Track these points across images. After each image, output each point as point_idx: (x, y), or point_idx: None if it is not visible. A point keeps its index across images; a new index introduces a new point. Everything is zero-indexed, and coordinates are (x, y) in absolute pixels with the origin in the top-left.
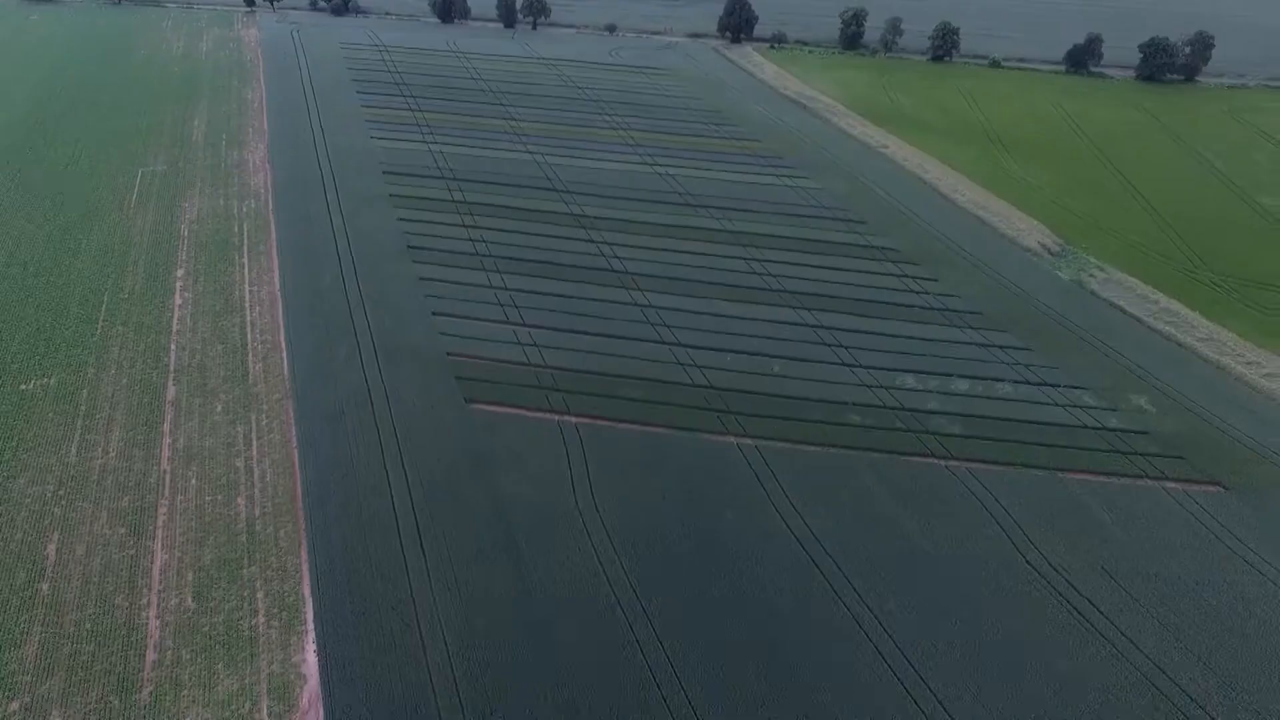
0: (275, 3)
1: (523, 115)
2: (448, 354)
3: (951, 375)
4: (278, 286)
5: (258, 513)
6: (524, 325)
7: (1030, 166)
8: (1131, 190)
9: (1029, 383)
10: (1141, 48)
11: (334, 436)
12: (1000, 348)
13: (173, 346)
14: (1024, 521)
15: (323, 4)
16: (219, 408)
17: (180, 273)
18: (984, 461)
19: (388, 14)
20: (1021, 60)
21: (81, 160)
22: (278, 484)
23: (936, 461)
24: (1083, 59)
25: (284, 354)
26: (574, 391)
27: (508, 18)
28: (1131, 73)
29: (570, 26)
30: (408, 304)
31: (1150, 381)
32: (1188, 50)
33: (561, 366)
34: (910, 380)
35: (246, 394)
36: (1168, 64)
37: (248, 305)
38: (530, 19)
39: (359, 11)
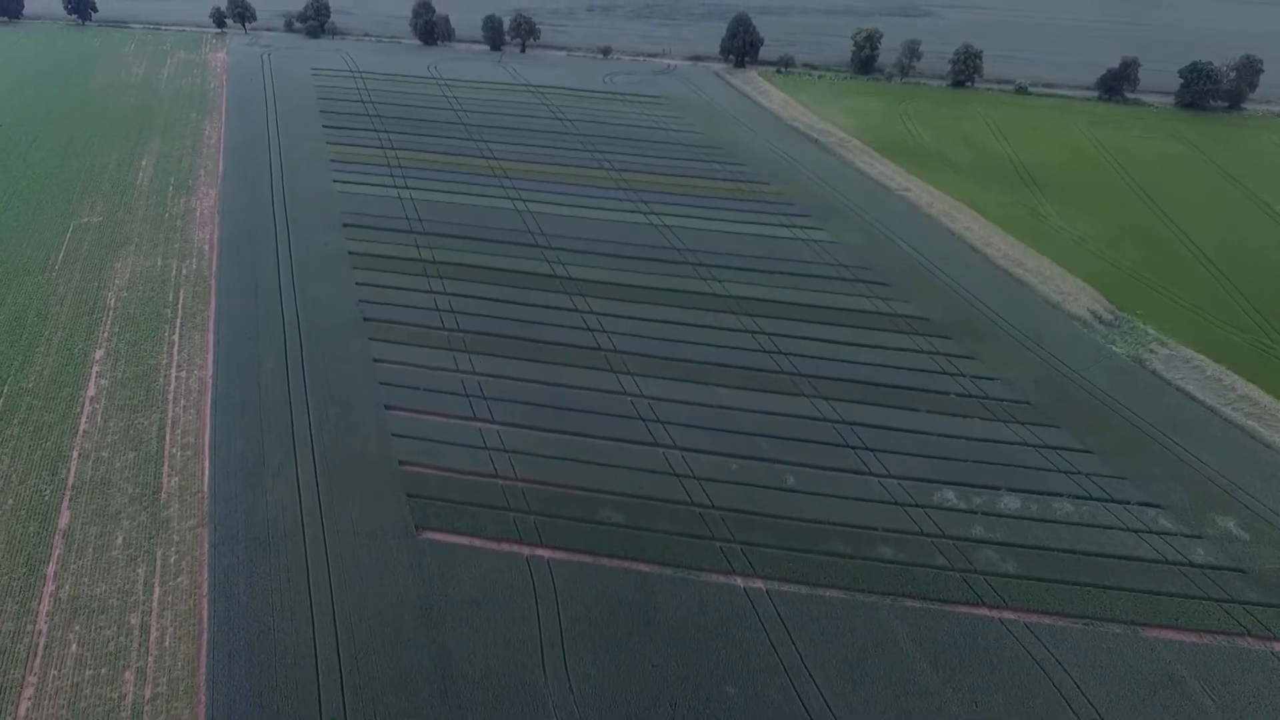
0: (247, 24)
1: (505, 153)
2: (399, 463)
3: (1000, 489)
4: (210, 371)
5: (148, 694)
6: (492, 423)
7: (1069, 212)
8: (1184, 240)
9: (1092, 498)
10: (1182, 73)
11: (253, 581)
12: (1055, 450)
13: (75, 454)
14: (1102, 703)
15: (298, 25)
16: (119, 540)
17: (99, 354)
18: (1045, 613)
19: (367, 35)
20: (1049, 86)
21: (9, 209)
22: (178, 650)
23: (988, 613)
24: (1117, 85)
25: (206, 463)
26: (547, 514)
27: (494, 40)
28: (1170, 99)
29: (561, 49)
30: (358, 394)
31: (1237, 496)
32: (1233, 75)
33: (533, 479)
34: (951, 496)
35: (155, 520)
36: (1211, 90)
37: (171, 397)
38: (518, 41)
39: (336, 33)
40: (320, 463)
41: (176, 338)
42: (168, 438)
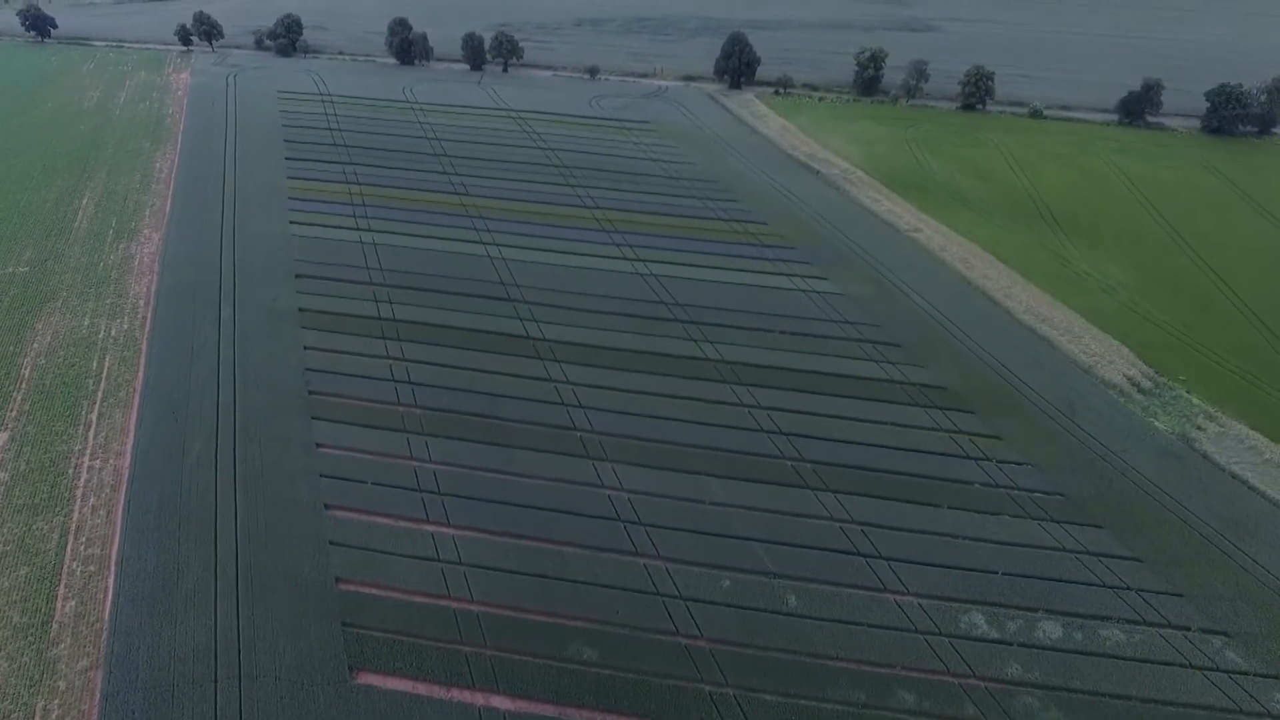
0: (214, 42)
1: (480, 188)
2: (337, 580)
3: (1037, 611)
4: (128, 461)
5: None
6: (447, 526)
7: (1096, 256)
8: (1223, 288)
9: (1146, 623)
10: (1208, 95)
11: None
12: (1098, 557)
13: None
14: None
15: (268, 42)
16: None
17: (2, 439)
18: None
19: (341, 53)
20: (1065, 109)
21: None
22: None
23: None
24: (1139, 108)
25: (110, 581)
26: (506, 651)
27: (475, 59)
28: (1196, 123)
29: (546, 68)
30: (295, 490)
31: None
32: (1264, 99)
33: (492, 602)
34: (980, 621)
35: (40, 660)
36: (1240, 115)
37: (80, 494)
38: (500, 60)
39: (309, 51)
40: (244, 581)
41: (95, 417)
42: (69, 548)
